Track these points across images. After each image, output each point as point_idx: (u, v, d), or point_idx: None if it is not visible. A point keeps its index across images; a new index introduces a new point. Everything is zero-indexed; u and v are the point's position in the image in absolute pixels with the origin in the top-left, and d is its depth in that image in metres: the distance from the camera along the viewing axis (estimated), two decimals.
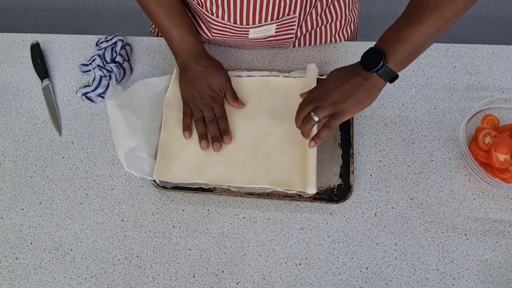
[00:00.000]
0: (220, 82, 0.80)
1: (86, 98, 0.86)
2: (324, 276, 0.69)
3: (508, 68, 0.86)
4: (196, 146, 0.78)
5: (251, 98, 0.83)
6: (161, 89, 0.83)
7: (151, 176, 0.75)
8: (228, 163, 0.76)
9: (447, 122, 0.81)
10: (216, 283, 0.69)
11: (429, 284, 0.68)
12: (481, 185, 0.75)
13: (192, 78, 0.80)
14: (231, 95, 0.81)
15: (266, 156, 0.76)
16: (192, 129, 0.79)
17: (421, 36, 0.62)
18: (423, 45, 0.64)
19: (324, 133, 0.71)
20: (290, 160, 0.75)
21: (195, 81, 0.80)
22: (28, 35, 0.95)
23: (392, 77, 0.66)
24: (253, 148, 0.77)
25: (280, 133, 0.78)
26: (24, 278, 0.71)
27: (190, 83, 0.80)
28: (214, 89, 0.80)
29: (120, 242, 0.73)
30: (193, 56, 0.80)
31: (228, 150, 0.78)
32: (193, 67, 0.80)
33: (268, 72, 0.84)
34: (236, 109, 0.82)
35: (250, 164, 0.76)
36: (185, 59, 0.81)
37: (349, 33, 0.91)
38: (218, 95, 0.80)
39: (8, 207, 0.77)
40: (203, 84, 0.80)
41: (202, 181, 0.75)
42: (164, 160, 0.76)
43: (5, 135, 0.84)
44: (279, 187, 0.73)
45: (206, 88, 0.80)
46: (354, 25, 0.93)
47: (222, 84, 0.81)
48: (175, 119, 0.81)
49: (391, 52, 0.64)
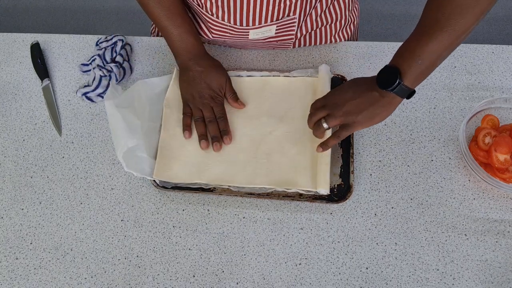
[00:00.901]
0: (220, 82, 0.80)
1: (86, 98, 0.86)
2: (324, 276, 0.69)
3: (508, 68, 0.86)
4: (196, 146, 0.78)
5: (251, 98, 0.83)
6: (161, 89, 0.83)
7: (151, 176, 0.75)
8: (228, 163, 0.76)
9: (447, 122, 0.81)
10: (216, 283, 0.69)
11: (429, 284, 0.68)
12: (481, 185, 0.75)
13: (192, 78, 0.80)
14: (231, 95, 0.81)
15: (266, 156, 0.76)
16: (192, 130, 0.80)
17: (435, 52, 0.62)
18: (437, 59, 0.63)
19: (332, 142, 0.72)
20: (290, 159, 0.75)
21: (194, 81, 0.80)
22: (28, 35, 0.95)
23: (409, 93, 0.65)
24: (253, 148, 0.77)
25: (280, 133, 0.78)
26: (24, 278, 0.71)
27: (189, 83, 0.80)
28: (214, 89, 0.80)
29: (120, 242, 0.73)
30: (193, 56, 0.80)
31: (228, 150, 0.78)
32: (192, 67, 0.80)
33: (268, 72, 0.84)
34: (236, 109, 0.82)
35: (250, 164, 0.76)
36: (185, 59, 0.80)
37: (349, 34, 0.91)
38: (218, 95, 0.80)
39: (8, 207, 0.77)
40: (203, 84, 0.80)
41: (202, 181, 0.75)
42: (164, 160, 0.76)
43: (5, 135, 0.84)
44: (280, 186, 0.73)
45: (206, 88, 0.80)
46: (354, 26, 0.93)
47: (222, 84, 0.81)
48: (175, 119, 0.81)
49: (406, 70, 0.63)
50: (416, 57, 0.62)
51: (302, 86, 0.82)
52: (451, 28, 0.60)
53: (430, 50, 0.62)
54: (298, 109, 0.80)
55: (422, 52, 0.62)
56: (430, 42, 0.61)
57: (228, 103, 0.82)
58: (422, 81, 0.66)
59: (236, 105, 0.81)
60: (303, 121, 0.78)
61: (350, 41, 0.92)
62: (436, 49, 0.62)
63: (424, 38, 0.62)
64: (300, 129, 0.78)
